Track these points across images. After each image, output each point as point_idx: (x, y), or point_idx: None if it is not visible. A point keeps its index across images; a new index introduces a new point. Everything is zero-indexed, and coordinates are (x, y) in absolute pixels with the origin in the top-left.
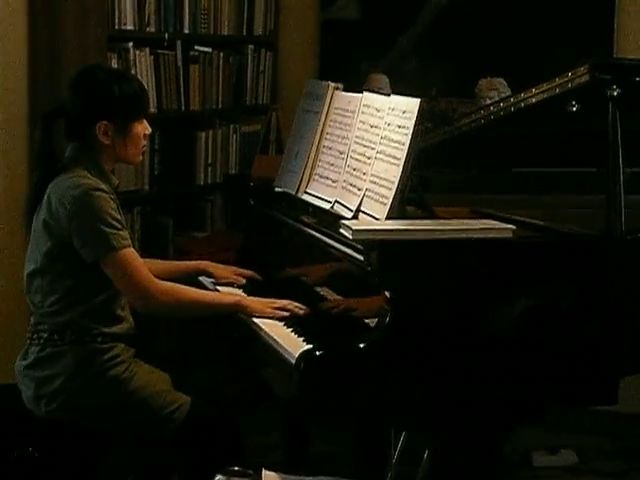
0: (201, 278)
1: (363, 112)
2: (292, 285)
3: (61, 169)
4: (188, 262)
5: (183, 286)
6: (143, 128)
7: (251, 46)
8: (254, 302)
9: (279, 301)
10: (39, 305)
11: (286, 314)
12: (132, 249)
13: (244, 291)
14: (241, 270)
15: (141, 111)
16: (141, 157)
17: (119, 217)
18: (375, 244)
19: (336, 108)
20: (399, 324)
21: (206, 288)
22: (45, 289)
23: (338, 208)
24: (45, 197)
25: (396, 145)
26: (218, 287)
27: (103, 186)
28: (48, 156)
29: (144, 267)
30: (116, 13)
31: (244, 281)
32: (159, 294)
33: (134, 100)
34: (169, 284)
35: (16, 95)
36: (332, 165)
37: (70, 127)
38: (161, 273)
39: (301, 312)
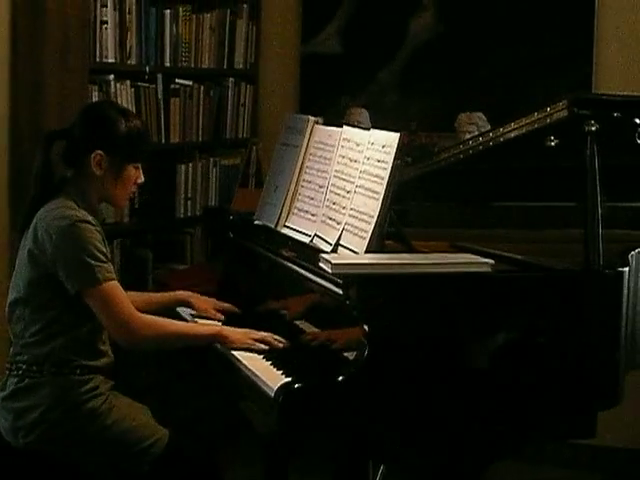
0: (180, 309)
1: (343, 146)
2: (271, 318)
3: (53, 193)
4: (167, 293)
5: (163, 319)
6: (136, 174)
7: (232, 79)
8: (234, 332)
9: (259, 333)
10: (20, 335)
11: (264, 347)
12: (116, 282)
13: (222, 323)
14: (220, 303)
15: (139, 156)
16: (126, 203)
17: (104, 250)
18: (354, 278)
19: (316, 142)
20: (377, 358)
21: (184, 319)
22: (27, 319)
23: (317, 242)
24: (32, 225)
25: (375, 179)
26: (197, 319)
27: (90, 218)
28: (45, 177)
29: (127, 301)
30: (97, 46)
31: (222, 317)
32: (140, 328)
33: (136, 142)
34: (150, 318)
35: None
36: (312, 199)
37: (68, 151)
38: (141, 305)
39: (280, 345)
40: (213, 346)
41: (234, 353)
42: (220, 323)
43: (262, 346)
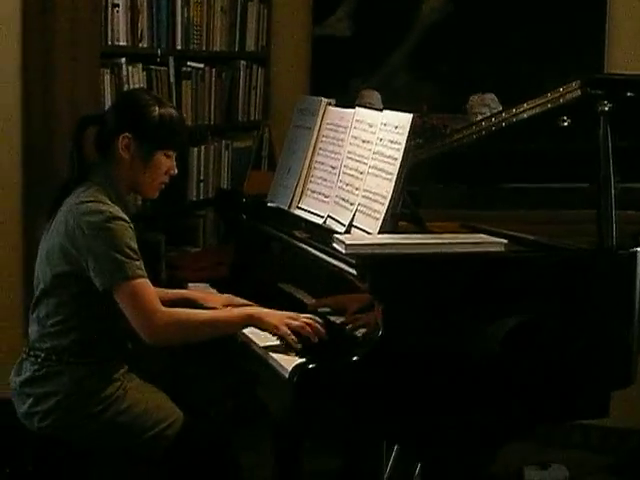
0: None
1: (355, 127)
2: (284, 300)
3: (83, 180)
4: (178, 291)
5: (192, 313)
6: (168, 163)
7: (243, 62)
8: (270, 315)
9: (298, 316)
10: (41, 322)
11: (295, 341)
12: (146, 280)
13: None
14: (232, 299)
15: (170, 143)
16: (157, 193)
17: (135, 247)
18: (368, 258)
19: (328, 123)
20: (391, 338)
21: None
22: (50, 308)
23: (330, 223)
24: (62, 217)
25: (388, 160)
26: None
27: (123, 215)
28: (76, 163)
29: (155, 299)
30: (109, 29)
31: None
32: (166, 325)
33: (167, 129)
34: (176, 312)
35: (9, 110)
36: (324, 180)
37: (99, 136)
38: None
39: (316, 339)
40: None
41: (247, 333)
42: None
43: (295, 338)
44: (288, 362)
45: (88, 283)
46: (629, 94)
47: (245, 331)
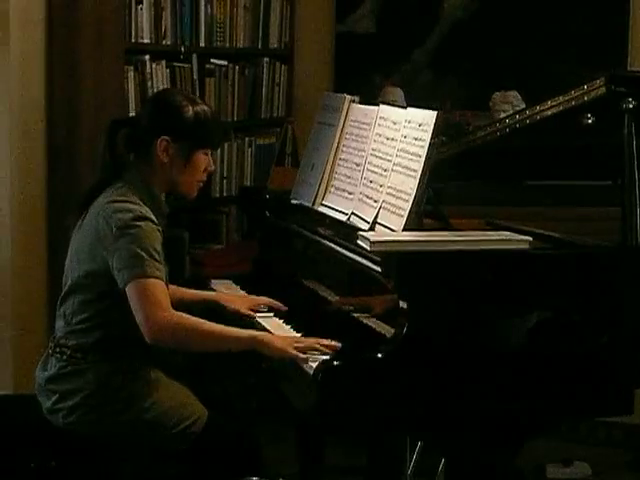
0: None
1: (379, 125)
2: (307, 297)
3: (115, 179)
4: (201, 293)
5: (200, 323)
6: (206, 161)
7: (266, 59)
8: (276, 340)
9: (305, 340)
10: (67, 319)
11: (306, 357)
12: (161, 282)
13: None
14: (254, 299)
15: (208, 141)
16: (195, 193)
17: (160, 250)
18: (393, 255)
19: (352, 121)
20: (416, 335)
21: None
22: (76, 305)
23: (354, 220)
24: (94, 215)
25: (412, 157)
26: None
27: (152, 216)
28: (109, 163)
29: (166, 301)
30: (133, 26)
31: (255, 316)
32: (168, 330)
33: (204, 127)
34: (184, 322)
35: (34, 108)
36: (348, 177)
37: (132, 137)
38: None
39: (329, 351)
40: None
41: (272, 331)
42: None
43: (306, 356)
44: (313, 359)
45: (113, 282)
46: None
47: (270, 327)
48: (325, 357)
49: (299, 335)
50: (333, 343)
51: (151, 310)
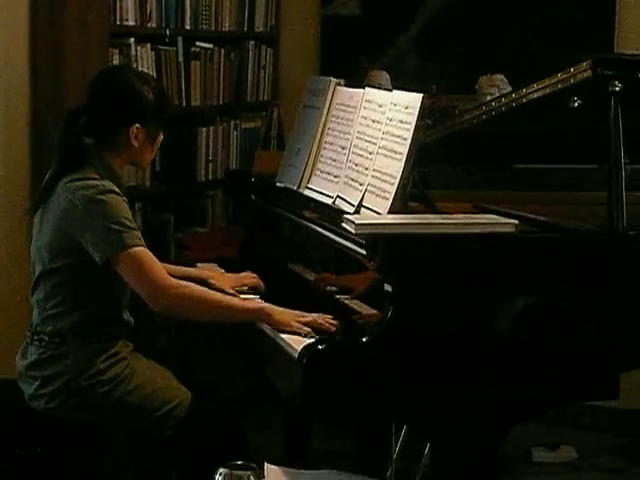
0: None
1: (365, 107)
2: (294, 281)
3: (76, 165)
4: (188, 269)
5: (206, 292)
6: (161, 134)
7: (252, 42)
8: (280, 313)
9: (309, 315)
10: (41, 305)
11: (310, 331)
12: (145, 248)
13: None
14: (243, 279)
15: (167, 116)
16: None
17: (131, 218)
18: (378, 238)
19: (338, 104)
20: (401, 318)
21: None
22: (48, 290)
23: (340, 203)
24: (55, 197)
25: (398, 140)
26: None
27: (115, 188)
28: (71, 149)
29: (158, 265)
30: (117, 9)
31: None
32: (176, 292)
33: (164, 105)
34: (186, 283)
35: (18, 91)
36: (334, 160)
37: (93, 124)
38: None
39: (332, 328)
40: None
41: None
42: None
43: (309, 329)
44: (298, 343)
45: (84, 261)
46: None
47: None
48: (311, 340)
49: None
50: (334, 321)
51: (153, 280)
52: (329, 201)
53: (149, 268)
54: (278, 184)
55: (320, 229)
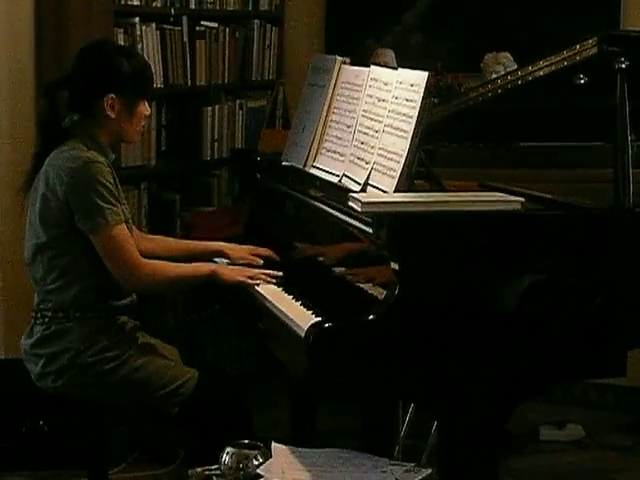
0: (217, 260)
1: (371, 86)
2: (300, 259)
3: (60, 139)
4: (202, 243)
5: (166, 263)
6: (145, 108)
7: (257, 21)
8: (228, 270)
9: (252, 270)
10: (40, 282)
11: (256, 282)
12: (123, 226)
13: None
14: (256, 249)
15: (147, 89)
16: (139, 137)
17: (114, 191)
18: (384, 216)
19: (343, 82)
20: (408, 296)
21: None
22: (45, 265)
23: (346, 181)
24: (43, 170)
25: (404, 118)
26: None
27: (101, 159)
28: (52, 125)
29: (132, 246)
30: None
31: (261, 262)
32: (143, 274)
33: (142, 77)
34: (153, 263)
35: (22, 70)
36: (340, 139)
37: (74, 98)
38: (177, 252)
39: (273, 280)
40: (242, 287)
41: (263, 293)
42: (259, 267)
43: (255, 282)
44: (304, 321)
45: (76, 231)
46: None
47: (261, 290)
48: (318, 318)
49: (293, 301)
50: (274, 273)
51: (126, 261)
52: (335, 179)
53: (120, 249)
54: (284, 163)
55: (326, 207)
